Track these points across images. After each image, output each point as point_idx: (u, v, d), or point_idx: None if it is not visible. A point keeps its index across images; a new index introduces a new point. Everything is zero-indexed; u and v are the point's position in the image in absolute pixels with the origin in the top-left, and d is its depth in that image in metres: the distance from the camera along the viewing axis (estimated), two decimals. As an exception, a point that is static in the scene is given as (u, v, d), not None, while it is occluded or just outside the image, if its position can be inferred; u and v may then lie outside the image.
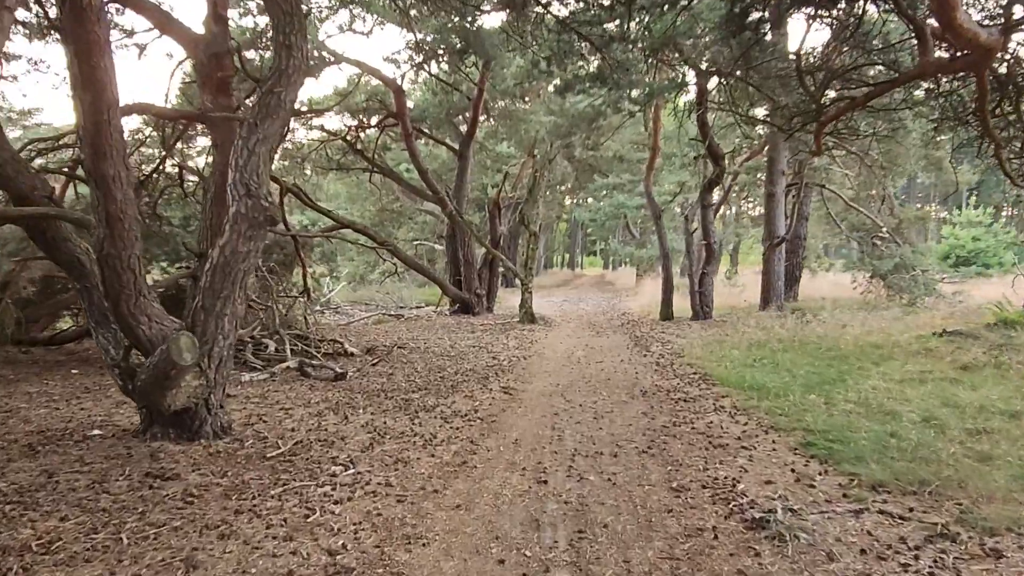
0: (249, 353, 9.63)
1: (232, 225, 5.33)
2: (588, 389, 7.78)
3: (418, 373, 8.92)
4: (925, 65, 7.15)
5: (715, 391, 7.45)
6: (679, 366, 9.32)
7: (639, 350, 11.20)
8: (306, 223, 16.78)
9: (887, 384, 6.87)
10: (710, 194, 14.40)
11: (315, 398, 7.23)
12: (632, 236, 33.93)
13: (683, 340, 11.93)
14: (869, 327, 10.94)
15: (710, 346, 10.59)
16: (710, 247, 14.43)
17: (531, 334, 13.62)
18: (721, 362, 9.10)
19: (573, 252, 65.55)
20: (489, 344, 12.03)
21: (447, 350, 11.21)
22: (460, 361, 10.01)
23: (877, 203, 15.42)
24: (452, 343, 12.17)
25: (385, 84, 15.79)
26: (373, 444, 5.36)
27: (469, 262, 17.67)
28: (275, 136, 5.59)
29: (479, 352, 11.02)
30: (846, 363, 8.38)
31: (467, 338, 12.94)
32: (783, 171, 14.70)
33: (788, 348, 9.74)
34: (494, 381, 8.32)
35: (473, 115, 17.36)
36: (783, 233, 14.80)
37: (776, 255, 14.80)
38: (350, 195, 25.40)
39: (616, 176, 29.07)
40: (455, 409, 6.68)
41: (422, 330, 14.52)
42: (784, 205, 14.93)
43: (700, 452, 5.11)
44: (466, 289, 17.68)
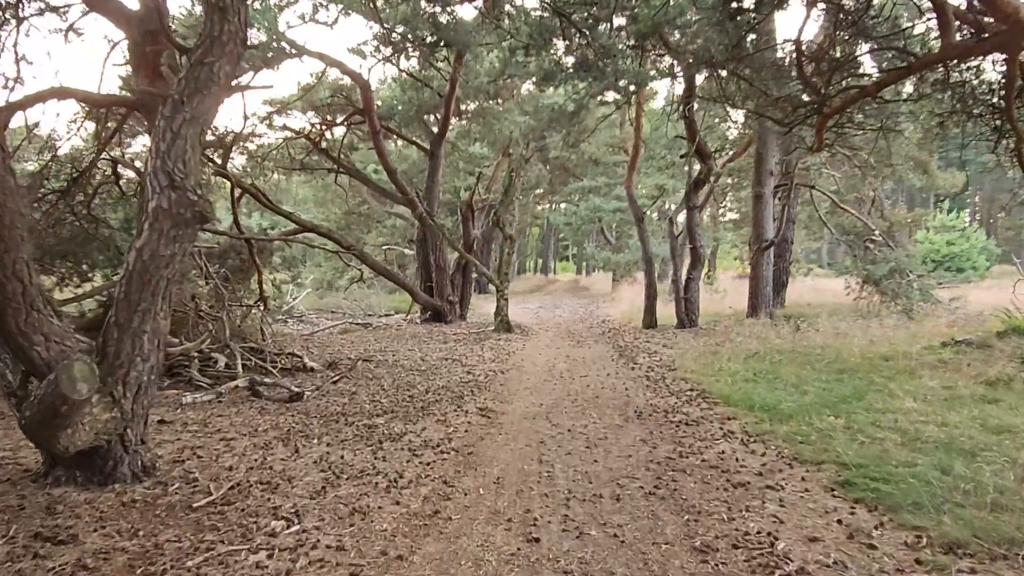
0: (195, 370, 8.63)
1: (152, 223, 4.38)
2: (575, 410, 6.92)
3: (384, 392, 7.99)
4: (947, 48, 6.46)
5: (719, 412, 6.64)
6: (672, 381, 8.52)
7: (625, 362, 10.39)
8: (266, 226, 15.72)
9: (914, 404, 6.12)
10: (696, 195, 13.69)
11: (264, 424, 6.27)
12: (607, 241, 33.26)
13: (672, 351, 11.15)
14: (870, 336, 10.27)
15: (703, 358, 9.81)
16: (696, 251, 13.71)
17: (508, 344, 12.74)
18: (719, 376, 8.32)
19: (546, 257, 64.84)
20: (463, 356, 11.13)
21: (417, 364, 10.28)
22: (432, 377, 9.10)
23: (866, 205, 14.88)
24: (423, 355, 11.24)
25: (351, 78, 14.83)
26: (326, 487, 4.44)
27: (441, 267, 16.76)
28: (207, 116, 4.64)
29: (452, 366, 10.11)
30: (857, 378, 7.65)
31: (439, 349, 12.02)
32: (771, 171, 14.06)
33: (788, 360, 9.00)
34: (470, 401, 7.43)
35: (445, 112, 16.47)
36: (771, 236, 14.15)
37: (764, 259, 14.15)
38: (317, 198, 24.29)
39: (592, 179, 28.40)
40: (426, 438, 5.77)
41: (391, 340, 13.56)
42: (772, 207, 14.29)
43: (718, 493, 4.28)
44: (438, 296, 16.75)
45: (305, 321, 18.16)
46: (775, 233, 14.10)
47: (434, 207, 17.05)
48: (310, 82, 15.08)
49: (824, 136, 8.51)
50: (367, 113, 15.10)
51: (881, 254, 13.30)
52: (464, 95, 17.37)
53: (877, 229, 13.75)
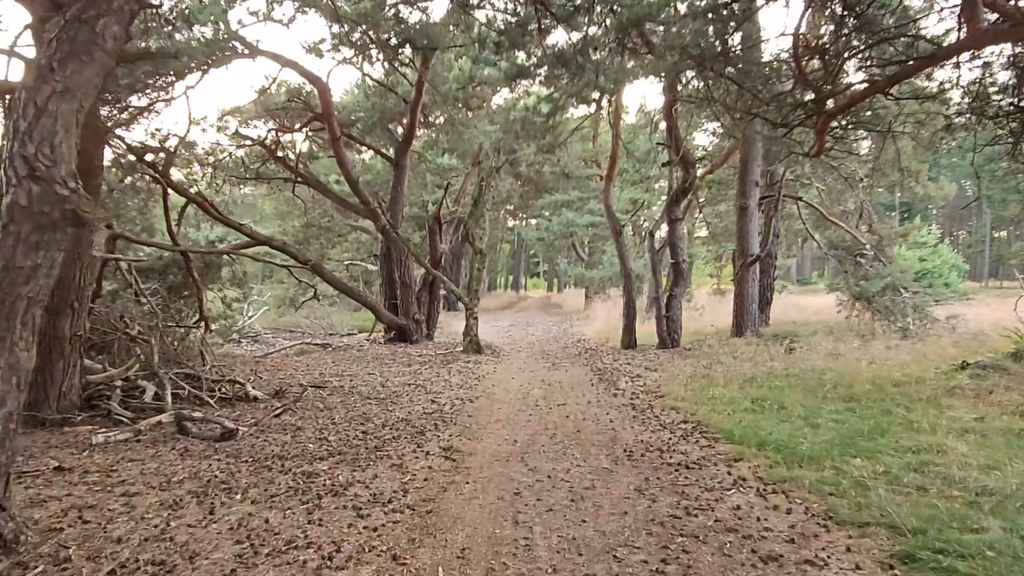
0: (116, 402, 7.48)
1: (6, 226, 3.34)
2: (555, 448, 5.95)
3: (334, 426, 6.93)
4: (976, 35, 5.70)
5: (722, 451, 5.72)
6: (662, 411, 7.60)
7: (606, 387, 9.46)
8: (213, 239, 14.53)
9: (949, 441, 5.27)
10: (678, 206, 12.90)
11: (182, 472, 5.19)
12: (579, 257, 32.49)
13: (656, 374, 10.26)
14: (870, 358, 9.50)
15: (693, 382, 8.92)
16: (679, 266, 12.90)
17: (477, 367, 11.74)
18: (714, 405, 7.42)
19: (517, 273, 64.02)
20: (428, 381, 10.10)
21: (376, 390, 9.23)
22: (391, 407, 8.06)
23: (853, 218, 14.25)
24: (383, 380, 10.19)
25: (308, 80, 13.80)
26: (237, 570, 3.40)
27: (406, 284, 15.71)
28: (86, 89, 3.61)
29: (415, 393, 9.08)
30: (871, 408, 6.81)
31: (402, 373, 10.97)
32: (756, 182, 13.35)
33: (788, 385, 8.15)
34: (432, 438, 6.41)
35: (411, 120, 15.51)
36: (757, 251, 13.41)
37: (750, 275, 13.39)
38: (278, 211, 23.04)
39: (565, 193, 27.64)
40: (376, 490, 4.75)
41: (350, 363, 12.47)
42: (757, 220, 13.57)
43: (745, 572, 3.34)
44: (403, 314, 15.69)
45: (260, 341, 16.97)
46: (761, 247, 13.38)
47: (399, 219, 16.04)
48: (265, 85, 13.99)
49: (826, 139, 7.74)
50: (326, 119, 14.08)
51: (873, 269, 12.65)
52: (431, 102, 16.45)
53: (868, 243, 13.09)
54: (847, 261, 13.03)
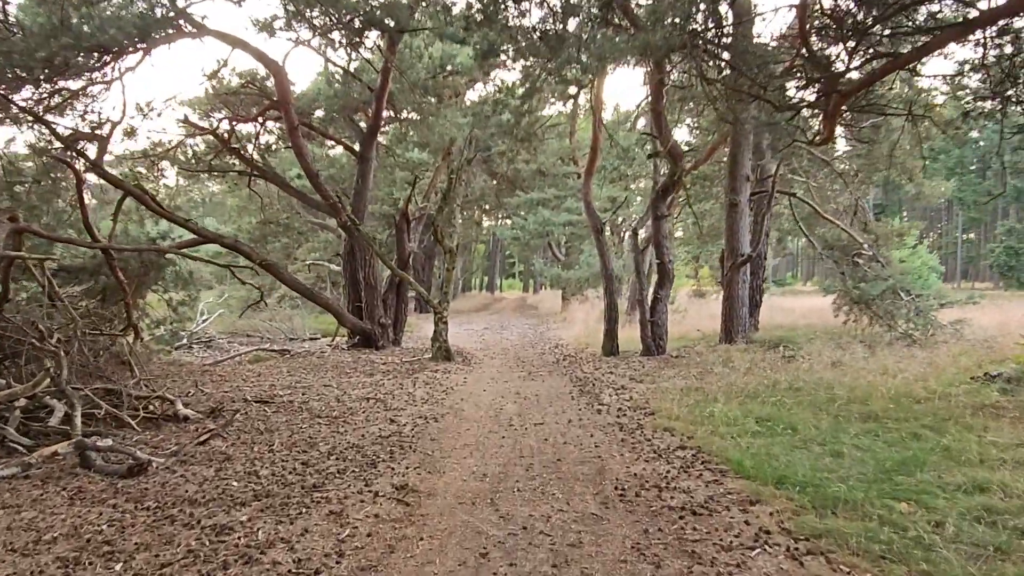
0: (14, 426, 6.32)
1: None
2: (532, 486, 4.95)
3: (270, 457, 5.86)
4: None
5: (732, 488, 4.76)
6: (654, 432, 6.64)
7: (588, 401, 8.48)
8: (155, 236, 13.27)
9: (1012, 478, 4.36)
10: (664, 202, 11.96)
11: (59, 527, 4.11)
12: (556, 257, 31.52)
13: (643, 386, 9.31)
14: (878, 368, 8.63)
15: (686, 397, 7.97)
16: (664, 267, 11.96)
17: (446, 377, 10.70)
18: (713, 426, 6.48)
19: (492, 274, 63.00)
20: (389, 395, 9.05)
21: (329, 407, 8.15)
22: (342, 428, 7.00)
23: (846, 216, 13.46)
24: (340, 393, 9.11)
25: (263, 64, 12.65)
26: None
27: (371, 285, 14.61)
28: None
29: (374, 409, 8.02)
30: (895, 429, 5.91)
31: (362, 385, 9.90)
32: (747, 176, 12.47)
33: (796, 402, 7.23)
34: (385, 471, 5.38)
35: (376, 109, 14.43)
36: (748, 250, 12.53)
37: (740, 276, 12.51)
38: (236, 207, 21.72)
39: (540, 191, 26.67)
40: (303, 553, 3.71)
41: (306, 372, 11.37)
42: (748, 217, 12.69)
43: None
44: (367, 318, 14.59)
45: (214, 347, 15.75)
46: (753, 246, 12.51)
47: (363, 216, 14.93)
48: (216, 68, 12.81)
49: (836, 123, 6.84)
50: (283, 106, 12.93)
51: (872, 271, 11.84)
52: (399, 91, 15.37)
53: (866, 243, 12.28)
54: (844, 262, 12.24)
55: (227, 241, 12.49)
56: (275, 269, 13.08)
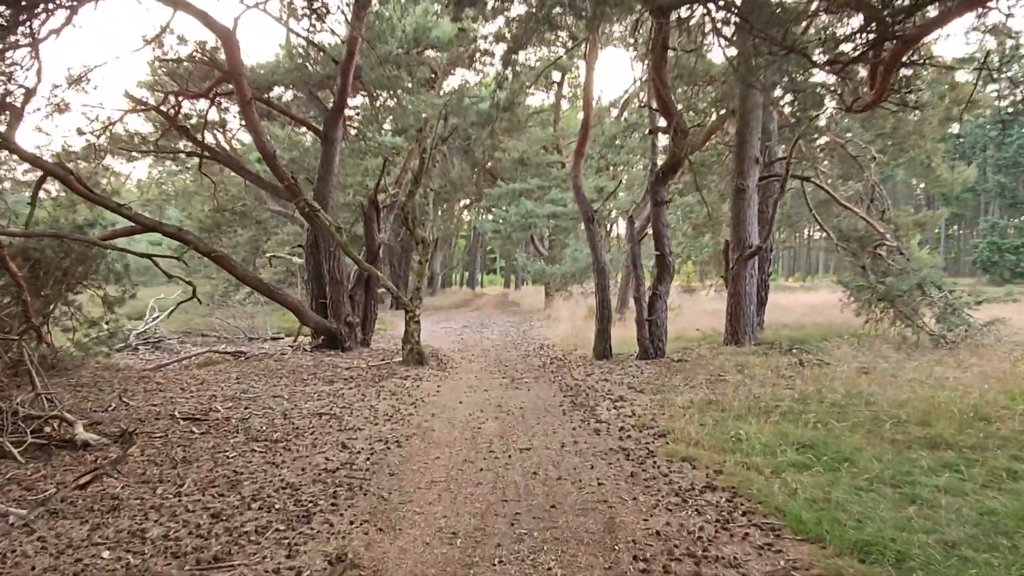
0: None
1: None
2: (519, 552, 3.63)
3: (172, 505, 4.46)
4: None
5: (798, 559, 3.44)
6: (669, 462, 5.32)
7: (583, 418, 7.15)
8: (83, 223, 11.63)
9: None
10: (665, 186, 10.65)
11: None
12: (538, 252, 30.11)
13: (646, 398, 7.99)
14: (915, 375, 7.40)
15: (702, 414, 6.67)
16: (664, 260, 10.66)
17: (417, 385, 9.32)
18: (744, 454, 5.19)
19: (473, 270, 61.48)
20: (347, 409, 7.66)
21: (272, 426, 6.75)
22: (281, 458, 5.61)
23: (862, 204, 12.22)
24: (290, 407, 7.71)
25: (209, 29, 11.14)
26: None
27: (337, 279, 13.16)
28: None
29: (325, 429, 6.63)
30: (978, 464, 4.64)
31: (318, 395, 8.49)
32: (756, 158, 11.21)
33: (832, 419, 5.95)
34: (321, 528, 4.01)
35: (341, 84, 12.96)
36: (757, 240, 11.28)
37: (748, 270, 11.26)
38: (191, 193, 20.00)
39: (522, 181, 25.27)
40: None
41: (258, 378, 9.95)
42: (756, 204, 11.43)
43: None
44: (333, 316, 13.15)
45: (163, 349, 14.22)
46: (763, 236, 11.25)
47: (328, 203, 13.48)
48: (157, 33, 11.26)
49: (891, 80, 5.55)
50: (234, 77, 11.45)
51: (896, 263, 10.63)
52: (368, 68, 13.92)
53: (888, 233, 11.05)
54: (863, 254, 11.01)
55: (168, 229, 11.00)
56: (226, 261, 11.60)
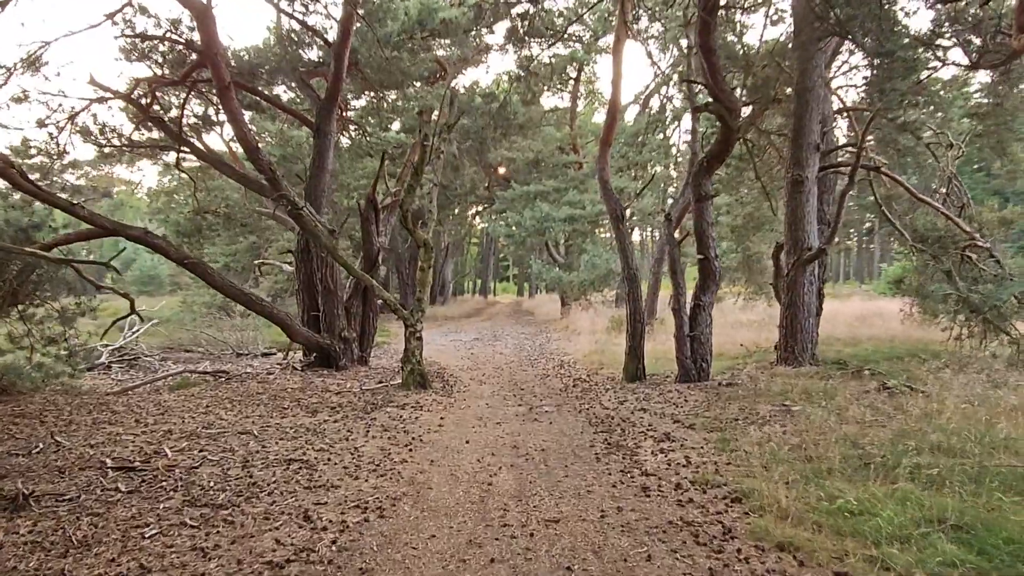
0: None
1: None
2: None
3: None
4: None
5: None
6: (757, 553, 3.72)
7: (622, 465, 5.57)
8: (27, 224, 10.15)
9: None
10: (709, 177, 9.05)
11: None
12: (554, 259, 28.44)
13: (698, 436, 6.36)
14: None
15: (782, 466, 5.03)
16: (709, 264, 9.05)
17: (415, 417, 7.76)
18: (871, 540, 3.58)
19: (485, 277, 59.99)
20: (326, 452, 6.12)
21: (222, 481, 5.21)
22: (213, 540, 4.07)
23: (938, 199, 10.50)
24: (253, 451, 6.18)
25: (182, 4, 9.69)
26: None
27: (331, 289, 11.66)
28: None
29: (287, 488, 5.08)
30: None
31: (294, 432, 6.95)
32: (816, 144, 9.59)
33: (979, 481, 4.31)
34: None
35: (336, 70, 11.51)
36: (816, 241, 9.65)
37: (806, 277, 9.62)
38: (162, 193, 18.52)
39: (537, 184, 23.74)
40: None
41: (231, 407, 8.46)
42: (816, 199, 9.79)
43: None
44: (327, 330, 11.64)
45: (139, 367, 12.77)
46: (828, 235, 9.59)
47: (321, 203, 11.99)
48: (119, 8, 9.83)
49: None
50: (208, 58, 9.99)
51: (987, 269, 8.96)
52: (364, 46, 12.43)
53: (978, 234, 9.32)
54: (948, 258, 9.31)
55: (132, 233, 9.53)
56: (201, 269, 10.13)
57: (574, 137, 25.04)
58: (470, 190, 26.41)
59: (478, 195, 27.65)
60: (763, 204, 13.47)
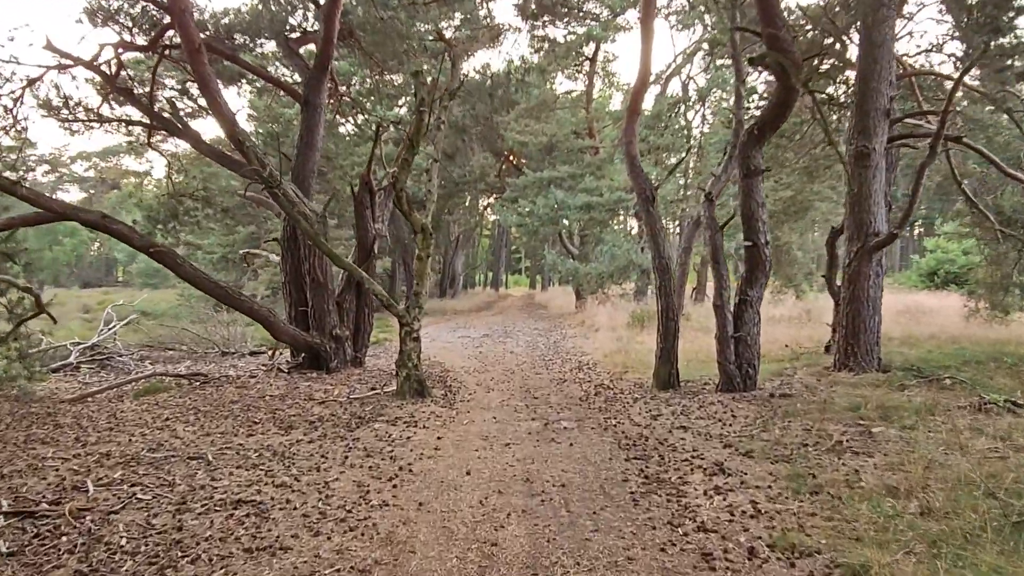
0: None
1: None
2: None
3: None
4: None
5: None
6: None
7: (668, 515, 4.22)
8: None
9: None
10: (760, 148, 7.62)
11: None
12: (568, 251, 26.94)
13: (762, 470, 4.96)
14: None
15: (889, 520, 3.65)
16: (759, 252, 7.63)
17: (407, 438, 6.42)
18: None
19: (497, 270, 58.57)
20: (288, 491, 4.81)
21: (129, 542, 3.92)
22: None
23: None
24: (196, 486, 4.89)
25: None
26: None
27: (320, 282, 10.37)
28: None
29: (218, 551, 3.78)
30: None
31: (257, 456, 5.66)
32: (887, 110, 8.15)
33: None
34: None
35: (326, 33, 10.18)
36: (885, 225, 8.22)
37: (872, 267, 8.20)
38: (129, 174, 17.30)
39: (551, 169, 22.29)
40: None
41: (195, 419, 7.21)
42: (883, 174, 8.31)
43: None
44: (316, 327, 10.36)
45: (111, 367, 11.54)
46: (903, 218, 8.15)
47: (310, 186, 10.70)
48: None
49: None
50: (176, 14, 8.69)
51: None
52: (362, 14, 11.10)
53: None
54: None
55: (87, 217, 8.27)
56: (169, 258, 8.85)
57: (590, 120, 23.58)
58: (479, 177, 25.01)
59: (488, 182, 26.21)
60: (805, 187, 12.02)
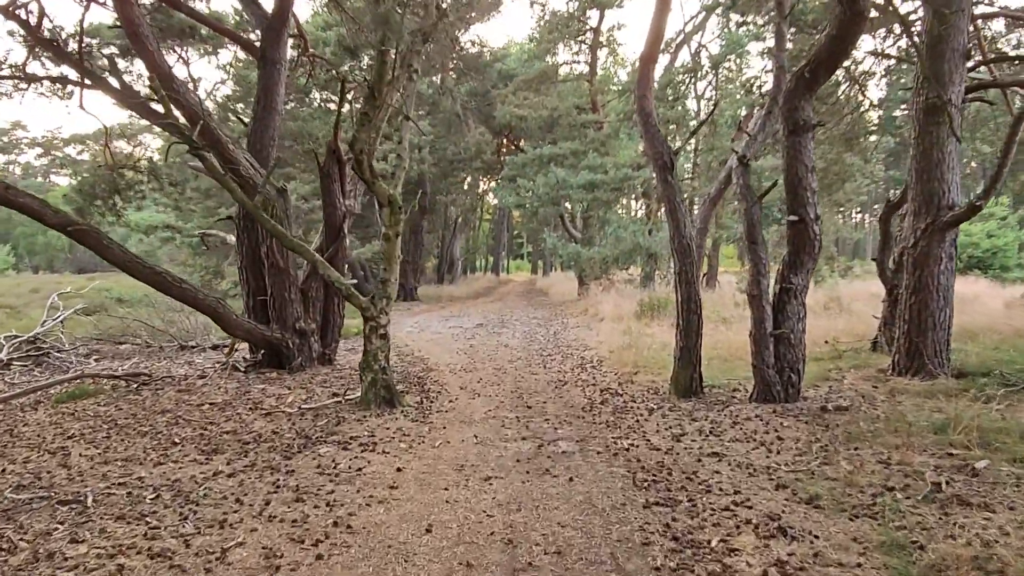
0: None
1: None
2: None
3: None
4: None
5: None
6: None
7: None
8: None
9: None
10: (811, 97, 6.02)
11: None
12: (569, 234, 25.42)
13: (839, 531, 3.45)
14: None
15: None
16: (806, 229, 6.07)
17: (360, 468, 4.95)
18: None
19: (497, 255, 57.08)
20: (165, 561, 3.35)
21: None
22: None
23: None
24: (42, 554, 3.43)
25: None
26: None
27: (279, 266, 8.90)
28: None
29: None
30: None
31: (150, 503, 4.23)
32: (967, 52, 6.60)
33: None
34: None
35: (284, -25, 8.62)
36: (958, 197, 6.68)
37: (943, 249, 6.70)
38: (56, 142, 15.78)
39: (552, 146, 20.74)
40: None
41: (103, 439, 5.81)
42: (958, 135, 6.78)
43: None
44: (276, 320, 8.91)
45: (47, 364, 10.12)
46: (989, 187, 6.63)
47: (270, 155, 9.21)
48: None
49: None
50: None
51: None
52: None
53: None
54: None
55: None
56: (92, 238, 7.40)
57: (594, 93, 21.98)
58: (475, 155, 23.44)
59: (485, 160, 24.64)
60: (841, 157, 10.47)
